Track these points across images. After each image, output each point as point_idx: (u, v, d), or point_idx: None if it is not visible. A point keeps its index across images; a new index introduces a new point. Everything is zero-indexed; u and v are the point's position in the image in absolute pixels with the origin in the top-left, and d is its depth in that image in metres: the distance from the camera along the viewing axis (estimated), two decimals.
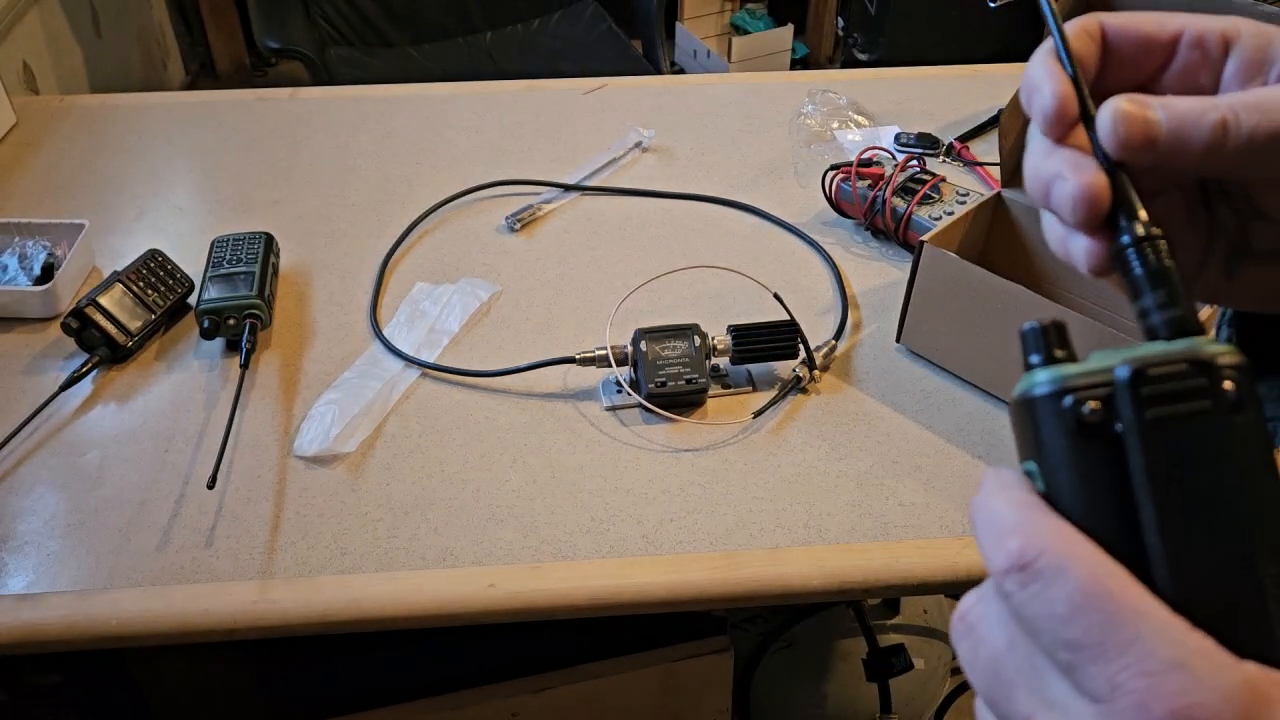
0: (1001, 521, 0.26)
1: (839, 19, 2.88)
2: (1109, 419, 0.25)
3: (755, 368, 0.90)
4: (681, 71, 2.93)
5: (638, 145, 1.21)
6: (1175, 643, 0.23)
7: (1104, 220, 0.30)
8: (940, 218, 1.00)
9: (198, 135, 1.24)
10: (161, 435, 0.84)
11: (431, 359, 0.91)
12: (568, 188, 1.14)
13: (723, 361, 0.90)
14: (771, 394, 0.88)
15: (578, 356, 0.87)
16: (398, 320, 0.96)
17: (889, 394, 0.88)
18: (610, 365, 0.87)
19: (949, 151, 1.20)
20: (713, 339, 0.88)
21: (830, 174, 1.08)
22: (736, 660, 1.02)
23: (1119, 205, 0.29)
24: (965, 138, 1.22)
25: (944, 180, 1.05)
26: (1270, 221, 0.33)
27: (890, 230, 1.04)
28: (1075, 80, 0.31)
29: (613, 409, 0.87)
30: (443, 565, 0.74)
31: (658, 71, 2.06)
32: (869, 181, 1.05)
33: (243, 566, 0.74)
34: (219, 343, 0.92)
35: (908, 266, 0.89)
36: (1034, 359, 0.27)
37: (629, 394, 0.86)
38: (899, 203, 1.03)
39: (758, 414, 0.86)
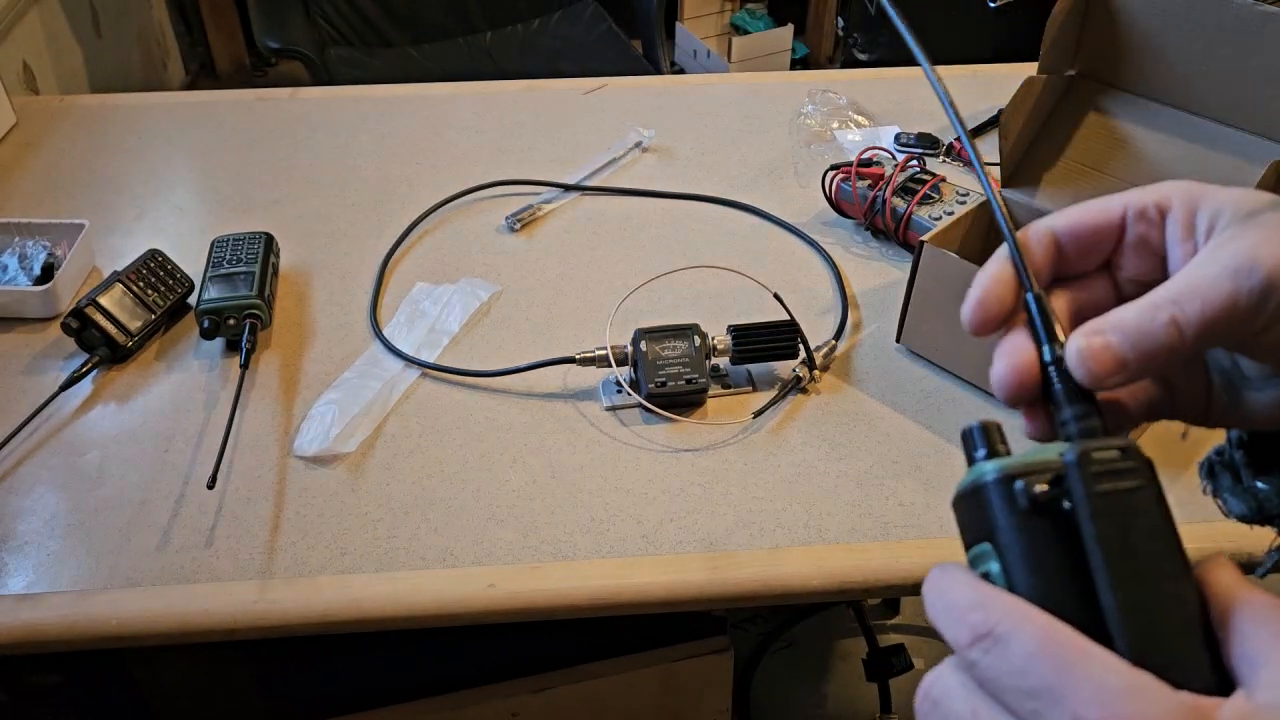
0: (959, 602, 0.29)
1: (839, 19, 2.88)
2: (1057, 497, 0.29)
3: (755, 368, 0.90)
4: (681, 71, 2.93)
5: (638, 145, 1.21)
6: (1124, 675, 0.26)
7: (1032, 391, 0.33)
8: (940, 218, 1.00)
9: (198, 135, 1.24)
10: (161, 435, 0.84)
11: (431, 359, 0.91)
12: (568, 188, 1.14)
13: (723, 361, 0.90)
14: (771, 394, 0.88)
15: (578, 356, 0.87)
16: (398, 320, 0.96)
17: (889, 394, 0.88)
18: (610, 365, 0.87)
19: (949, 151, 1.20)
20: (713, 339, 0.88)
21: (830, 174, 1.08)
22: (736, 660, 1.02)
23: (1040, 331, 0.33)
24: None
25: (944, 180, 1.05)
26: (1253, 359, 0.35)
27: (890, 230, 1.04)
28: (1037, 303, 0.33)
29: (613, 409, 0.87)
30: (443, 565, 0.74)
31: (658, 71, 2.05)
32: (869, 181, 1.05)
33: (243, 566, 0.74)
34: (219, 343, 0.92)
35: (908, 266, 0.89)
36: (979, 454, 0.31)
37: (629, 394, 0.86)
38: (899, 203, 1.03)
39: (758, 414, 0.86)
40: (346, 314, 0.97)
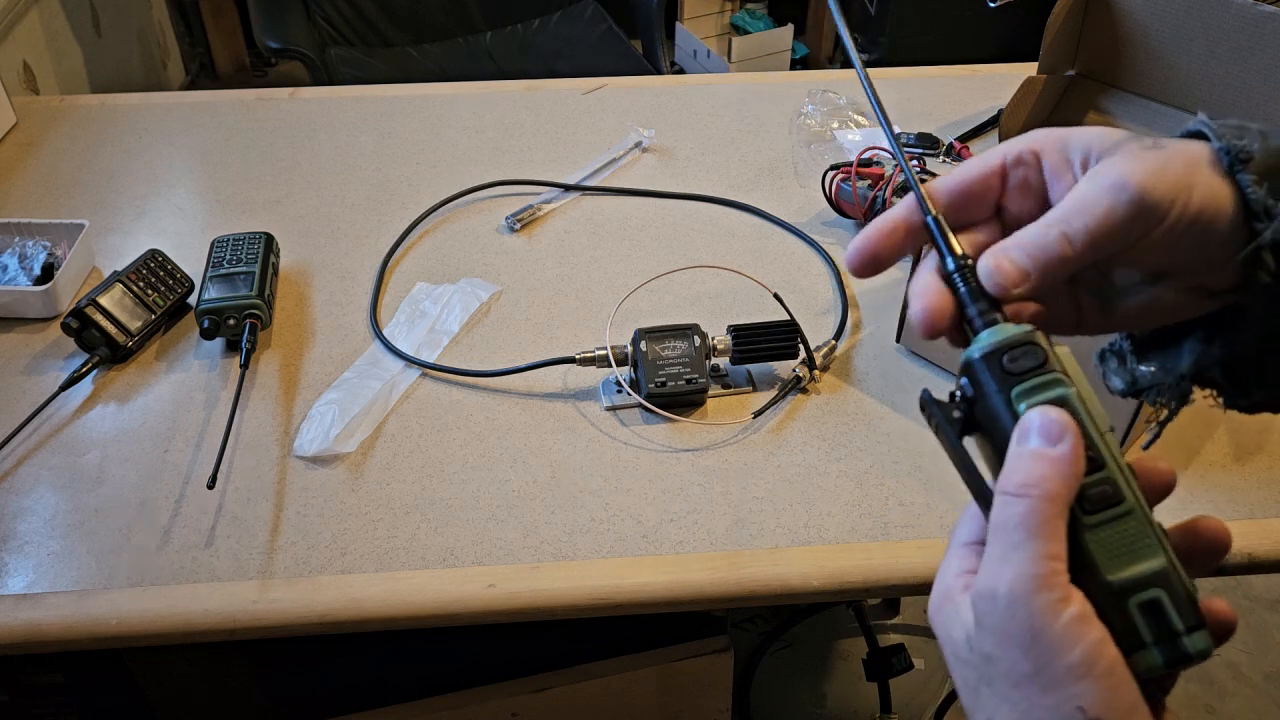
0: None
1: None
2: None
3: (755, 368, 0.90)
4: (681, 72, 2.93)
5: (638, 145, 1.21)
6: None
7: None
8: None
9: (198, 135, 1.24)
10: (161, 435, 0.84)
11: (431, 359, 0.91)
12: (568, 188, 1.14)
13: (723, 361, 0.90)
14: (771, 394, 0.88)
15: (578, 356, 0.87)
16: (398, 320, 0.96)
17: (889, 394, 0.88)
18: (610, 365, 0.87)
19: (949, 151, 1.20)
20: (713, 339, 0.88)
21: (830, 174, 1.08)
22: (736, 660, 1.02)
23: (940, 245, 0.39)
24: (965, 138, 1.22)
25: None
26: (1124, 269, 0.41)
27: None
28: (934, 226, 0.39)
29: (613, 409, 0.87)
30: (443, 565, 0.74)
31: (658, 72, 2.05)
32: (869, 181, 1.05)
33: (243, 566, 0.74)
34: (219, 343, 0.92)
35: (908, 266, 0.89)
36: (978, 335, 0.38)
37: (629, 394, 0.86)
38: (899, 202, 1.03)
39: (758, 414, 0.86)
40: (346, 314, 0.97)
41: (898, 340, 0.92)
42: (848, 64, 2.73)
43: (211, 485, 0.77)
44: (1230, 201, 0.37)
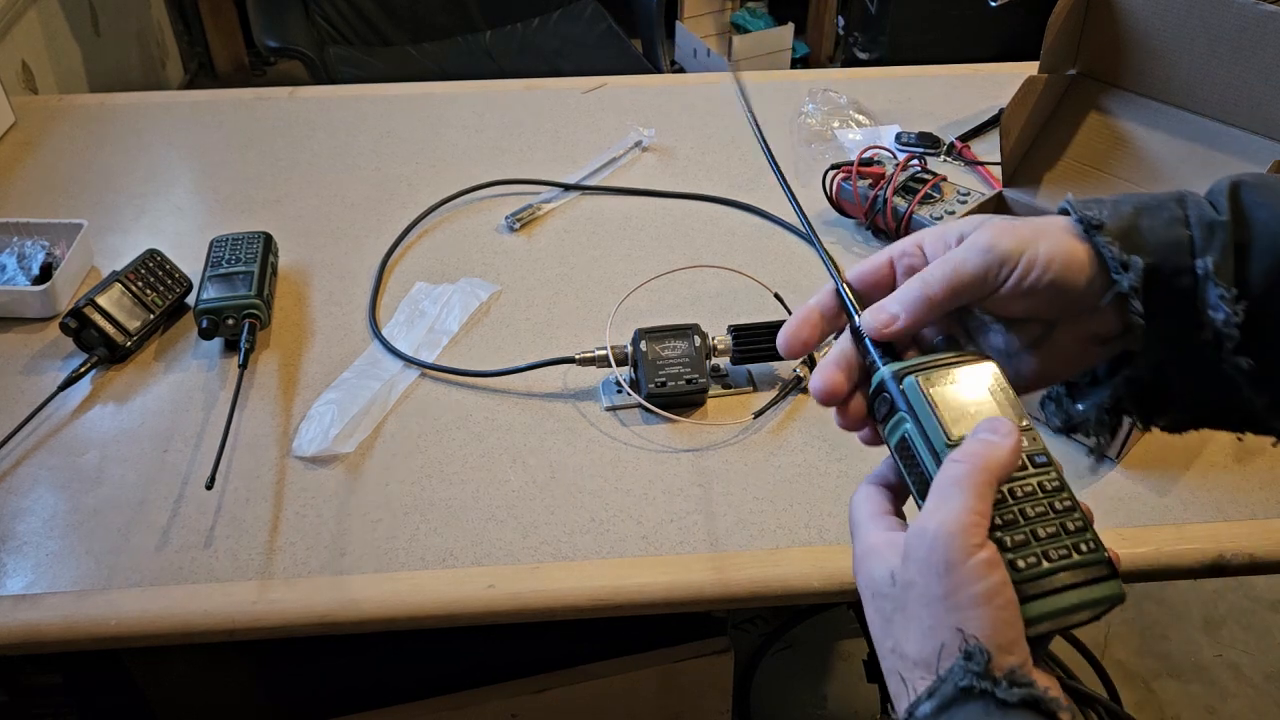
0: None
1: (839, 18, 2.88)
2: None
3: (756, 368, 0.90)
4: (682, 70, 2.92)
5: (638, 145, 1.20)
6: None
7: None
8: (941, 217, 0.99)
9: (197, 135, 1.23)
10: (160, 435, 0.84)
11: (431, 359, 0.91)
12: (567, 187, 1.14)
13: (723, 361, 0.90)
14: (772, 394, 0.88)
15: (577, 357, 0.87)
16: (397, 320, 0.95)
17: None
18: (610, 365, 0.86)
19: (950, 151, 1.20)
20: (713, 339, 0.88)
21: (831, 173, 1.08)
22: (737, 661, 1.02)
23: (849, 308, 0.48)
24: (966, 137, 1.22)
25: (945, 180, 1.04)
26: (1019, 324, 0.48)
27: (891, 230, 1.04)
28: (844, 294, 0.48)
29: (613, 409, 0.87)
30: (442, 566, 0.74)
31: (658, 70, 2.05)
32: (870, 181, 1.05)
33: (242, 567, 0.74)
34: (218, 343, 0.92)
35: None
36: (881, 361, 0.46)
37: (629, 394, 0.86)
38: (900, 202, 1.03)
39: (758, 414, 0.86)
40: (345, 314, 0.97)
41: None
42: (849, 63, 2.73)
43: (210, 485, 0.77)
44: (1088, 259, 0.45)
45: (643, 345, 0.86)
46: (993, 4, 2.09)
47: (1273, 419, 0.47)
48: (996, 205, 0.94)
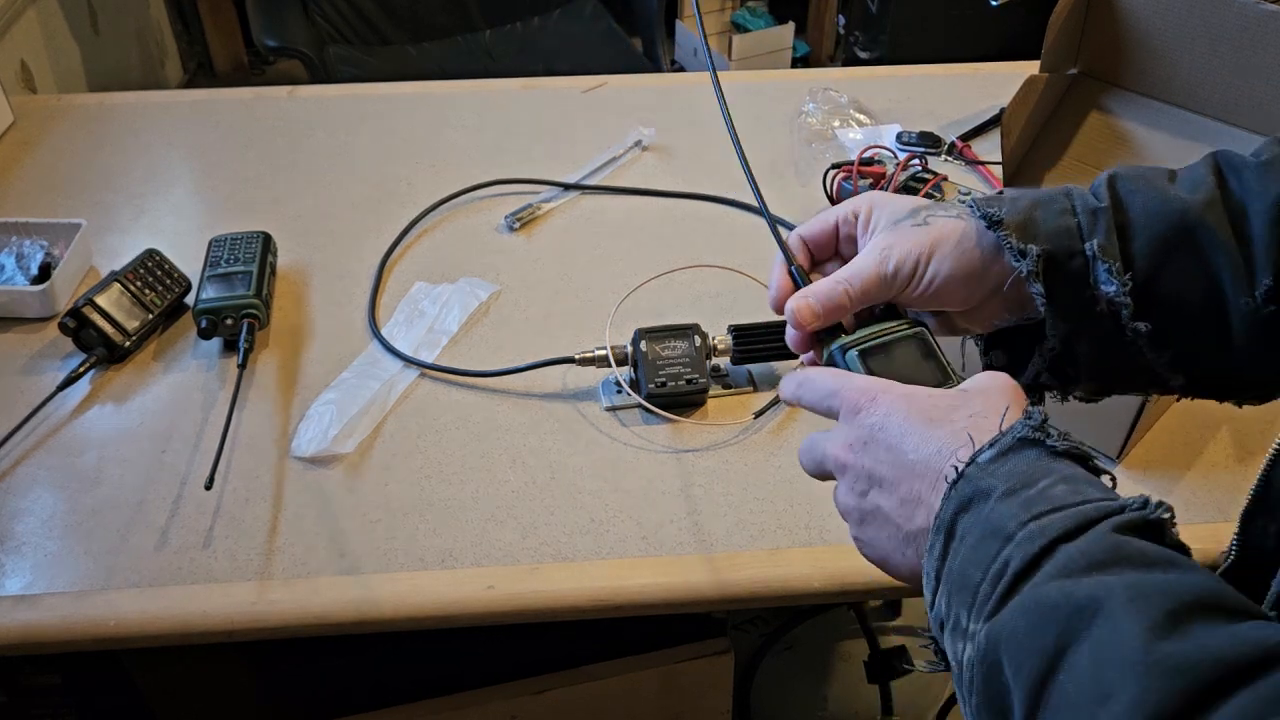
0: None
1: (840, 17, 2.87)
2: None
3: (756, 368, 0.90)
4: (682, 70, 2.92)
5: (638, 144, 1.20)
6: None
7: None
8: None
9: (196, 134, 1.23)
10: (159, 436, 0.84)
11: (430, 359, 0.91)
12: (567, 186, 1.14)
13: (723, 361, 0.89)
14: (772, 394, 0.87)
15: (577, 356, 0.87)
16: (396, 320, 0.95)
17: None
18: (610, 365, 0.86)
19: (951, 150, 1.20)
20: (713, 339, 0.87)
21: (831, 173, 1.08)
22: (737, 662, 1.02)
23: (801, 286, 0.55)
24: (967, 136, 1.22)
25: (946, 179, 1.04)
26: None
27: None
28: (795, 272, 0.56)
29: (613, 409, 0.86)
30: (442, 566, 0.74)
31: (658, 70, 2.05)
32: (870, 180, 1.05)
33: (241, 567, 0.73)
34: (216, 343, 0.92)
35: None
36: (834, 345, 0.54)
37: (629, 394, 0.86)
38: None
39: (759, 414, 0.85)
40: (345, 313, 0.96)
41: None
42: (849, 62, 2.73)
43: (209, 486, 0.77)
44: (986, 255, 0.52)
45: (643, 345, 0.86)
46: (993, 3, 2.08)
47: (1173, 377, 0.52)
48: None
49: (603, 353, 0.87)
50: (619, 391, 0.87)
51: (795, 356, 0.88)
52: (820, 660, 1.37)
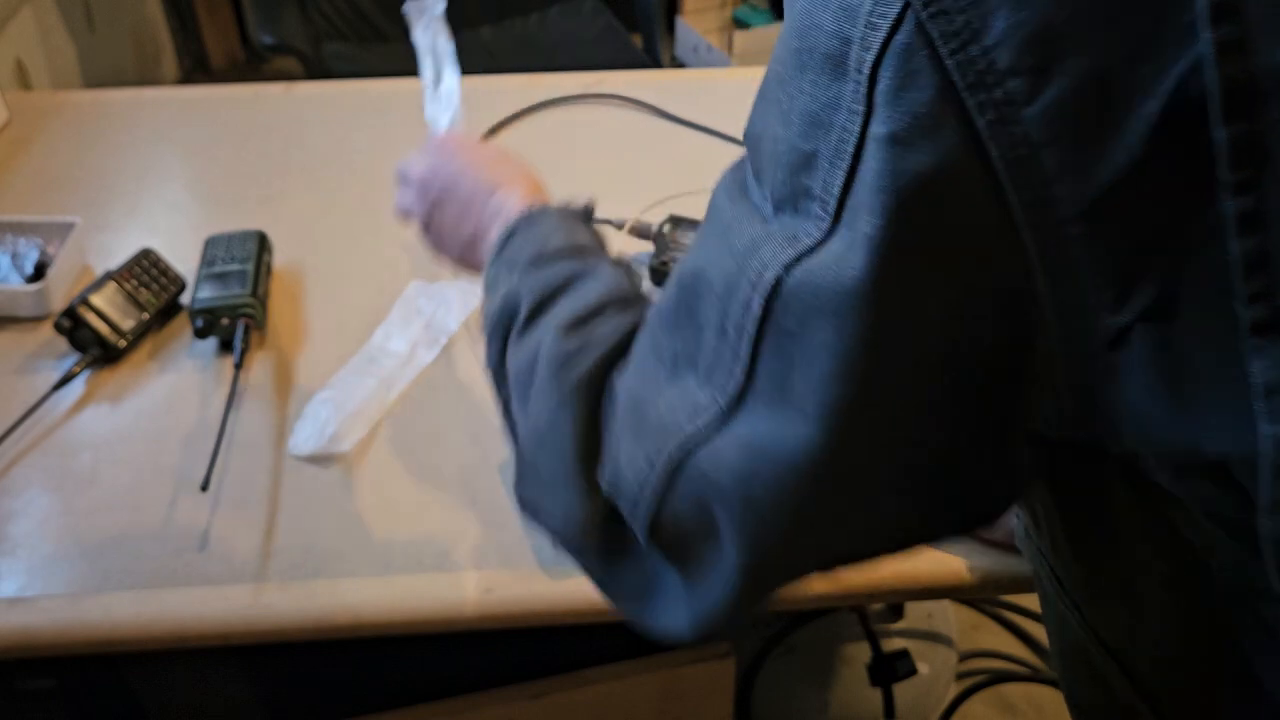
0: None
1: None
2: None
3: None
4: (682, 66, 2.91)
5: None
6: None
7: None
8: None
9: (191, 131, 1.22)
10: (154, 436, 0.83)
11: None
12: None
13: None
14: None
15: (613, 219, 0.99)
16: (394, 319, 0.94)
17: None
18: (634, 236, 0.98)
19: None
20: None
21: None
22: (738, 666, 1.01)
23: None
24: None
25: None
26: None
27: None
28: None
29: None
30: (440, 569, 0.73)
31: (658, 66, 2.04)
32: None
33: (237, 570, 0.73)
34: (212, 342, 0.91)
35: None
36: None
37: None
38: None
39: None
40: (342, 312, 0.96)
41: None
42: None
43: (205, 487, 0.76)
44: None
45: (666, 228, 0.97)
46: None
47: None
48: None
49: (639, 223, 0.98)
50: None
51: None
52: (822, 664, 1.36)
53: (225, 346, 0.91)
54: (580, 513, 0.48)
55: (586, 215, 0.63)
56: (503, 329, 0.55)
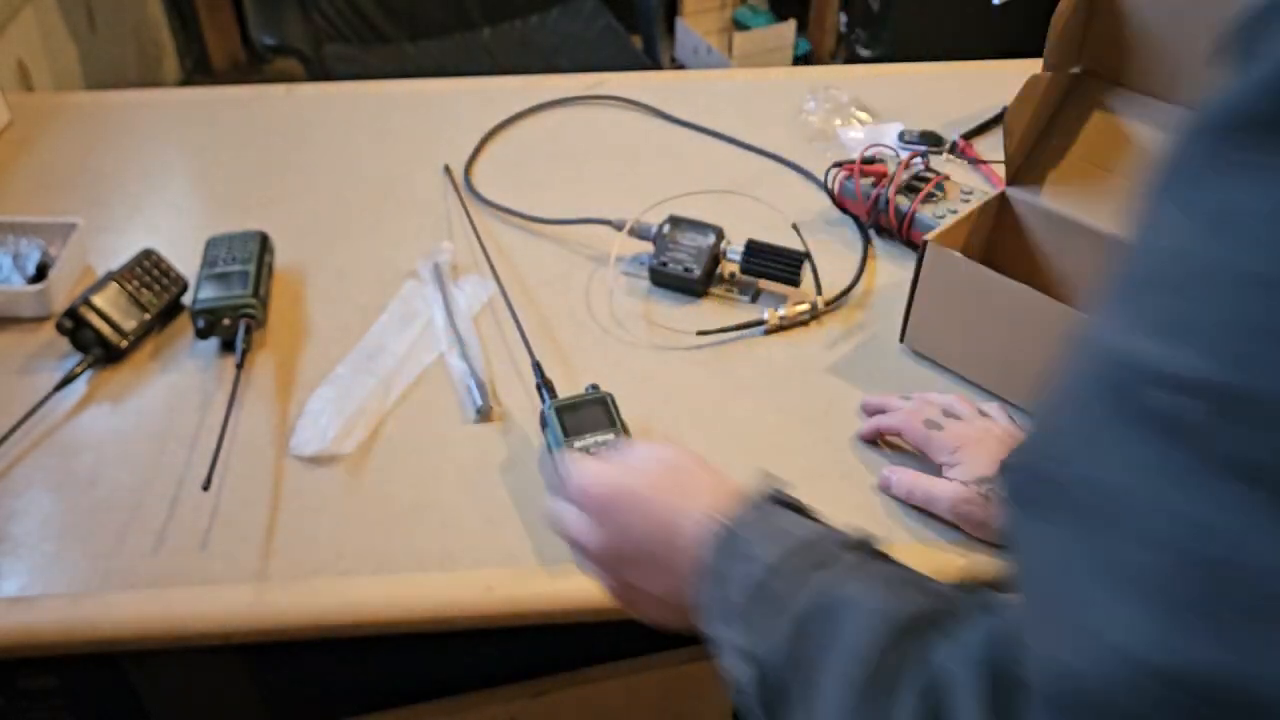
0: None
1: (841, 15, 2.87)
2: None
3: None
4: (682, 68, 2.91)
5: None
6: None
7: None
8: (944, 216, 0.99)
9: (192, 132, 1.23)
10: (156, 436, 0.83)
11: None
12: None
13: (735, 271, 0.97)
14: (750, 314, 0.94)
15: (613, 220, 0.99)
16: (394, 319, 0.95)
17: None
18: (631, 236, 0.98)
19: (953, 149, 1.19)
20: (726, 242, 0.97)
21: (833, 171, 1.07)
22: None
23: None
24: (970, 135, 1.21)
25: (948, 178, 1.04)
26: None
27: (894, 229, 1.03)
28: None
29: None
30: (441, 568, 0.73)
31: (658, 68, 2.04)
32: (872, 179, 1.04)
33: (238, 569, 0.73)
34: (214, 343, 0.91)
35: (911, 265, 0.88)
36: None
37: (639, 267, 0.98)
38: (903, 201, 1.02)
39: (702, 333, 0.91)
40: (342, 313, 0.96)
41: (901, 340, 0.91)
42: (851, 60, 2.72)
43: (206, 487, 0.76)
44: None
45: (666, 228, 0.97)
46: (996, 1, 2.08)
47: None
48: (999, 204, 0.93)
49: (639, 224, 0.98)
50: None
51: (796, 283, 0.97)
52: None
53: (227, 347, 0.91)
54: None
55: (784, 501, 0.56)
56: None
